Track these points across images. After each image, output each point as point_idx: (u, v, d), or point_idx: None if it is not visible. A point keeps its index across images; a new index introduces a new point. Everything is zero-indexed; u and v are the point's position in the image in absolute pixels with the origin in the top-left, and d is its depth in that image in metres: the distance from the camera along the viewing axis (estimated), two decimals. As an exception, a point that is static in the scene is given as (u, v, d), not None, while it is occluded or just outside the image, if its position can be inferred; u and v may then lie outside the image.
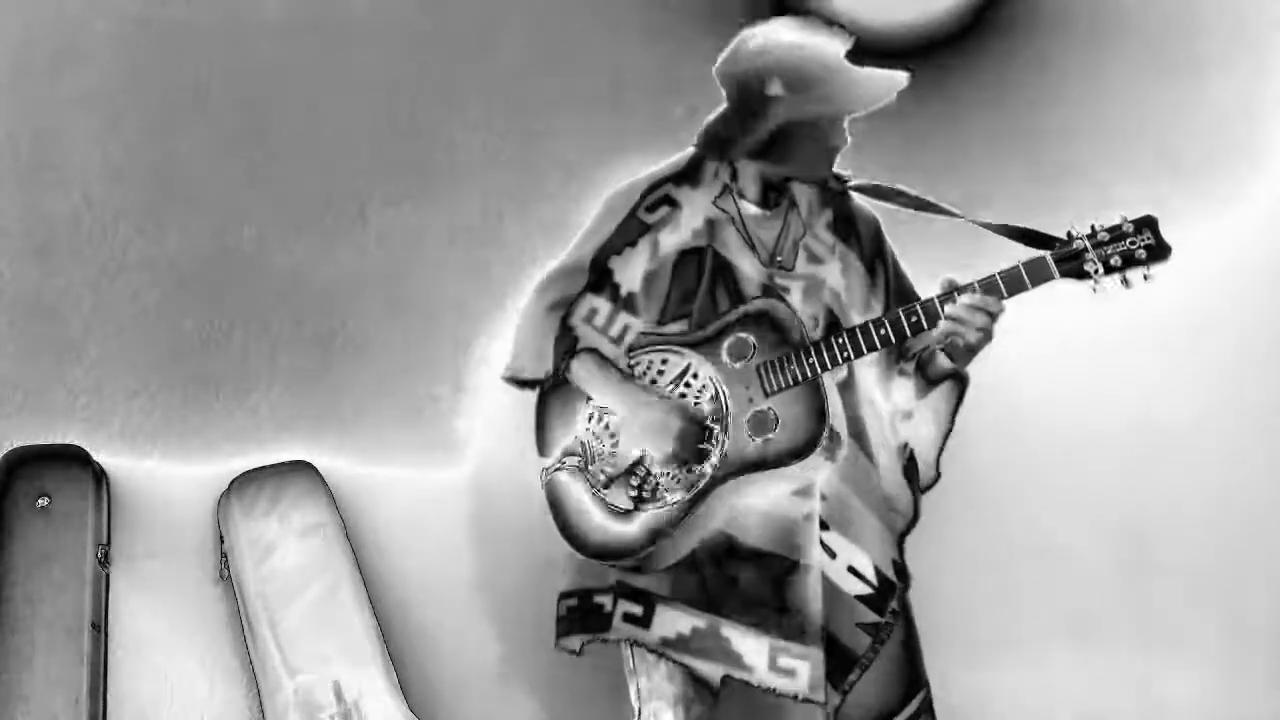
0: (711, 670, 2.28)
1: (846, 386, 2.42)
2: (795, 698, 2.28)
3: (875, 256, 2.52)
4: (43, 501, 2.57)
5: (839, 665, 2.32)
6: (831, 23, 2.37)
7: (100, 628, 2.59)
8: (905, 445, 2.48)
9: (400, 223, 2.88)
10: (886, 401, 2.46)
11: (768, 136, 2.36)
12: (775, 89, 2.32)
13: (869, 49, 2.42)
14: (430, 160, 2.90)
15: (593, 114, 2.94)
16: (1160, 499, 3.01)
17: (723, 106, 2.41)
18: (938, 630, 2.46)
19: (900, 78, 2.33)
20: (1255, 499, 3.03)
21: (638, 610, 2.31)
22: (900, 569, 2.42)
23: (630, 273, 2.41)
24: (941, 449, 2.49)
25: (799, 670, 2.27)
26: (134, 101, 2.80)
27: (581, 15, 2.96)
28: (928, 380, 2.42)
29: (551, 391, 2.40)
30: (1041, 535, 2.98)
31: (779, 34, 2.34)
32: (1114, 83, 3.09)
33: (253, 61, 2.85)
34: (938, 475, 2.50)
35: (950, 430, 2.48)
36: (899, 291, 2.51)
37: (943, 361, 2.37)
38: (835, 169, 2.46)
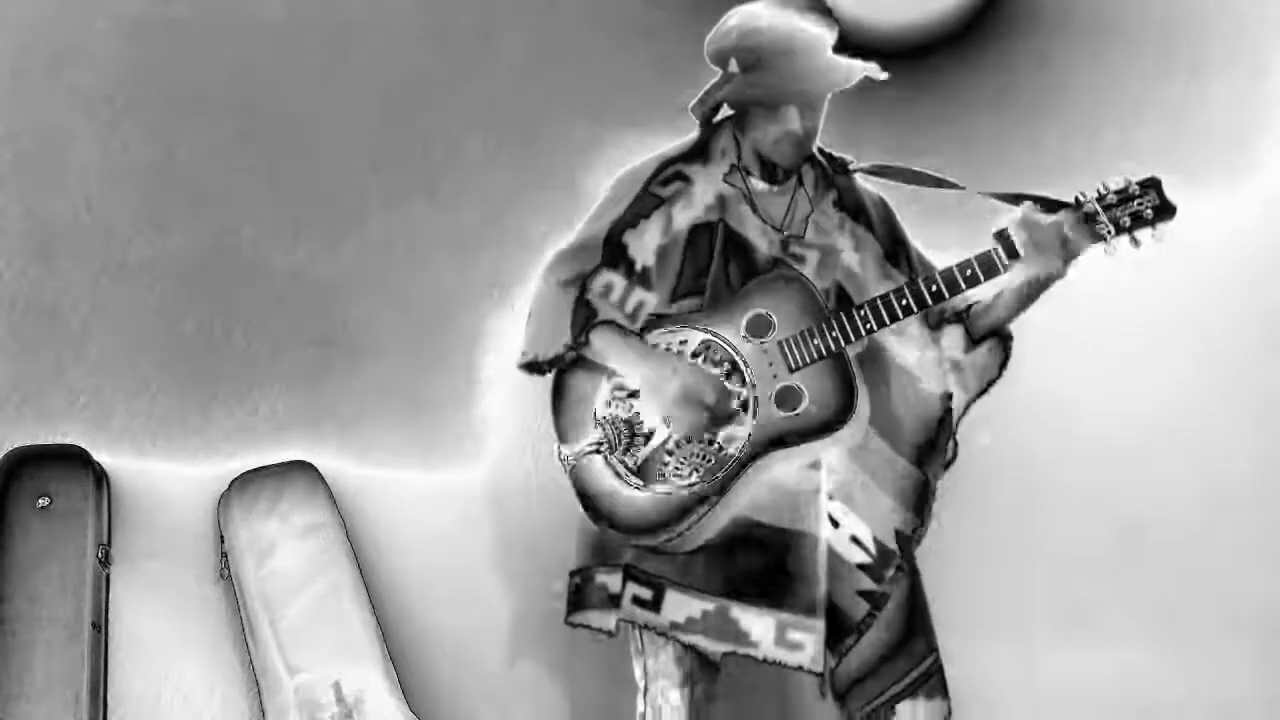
0: (715, 648, 2.31)
1: (872, 360, 2.43)
2: (799, 669, 2.31)
3: (893, 240, 2.53)
4: (43, 501, 2.57)
5: (837, 630, 2.36)
6: (817, 10, 2.39)
7: (100, 628, 2.59)
8: (948, 396, 2.47)
9: (400, 223, 2.88)
10: (941, 358, 2.46)
11: (733, 108, 2.41)
12: (732, 66, 2.37)
13: (869, 49, 2.42)
14: (430, 160, 2.90)
15: (592, 113, 2.94)
16: (1154, 490, 3.01)
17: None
18: (938, 621, 2.46)
19: (862, 68, 2.35)
20: (1248, 490, 3.04)
21: (647, 595, 2.33)
22: (902, 538, 2.42)
23: (644, 246, 2.41)
24: (961, 416, 2.49)
25: (805, 643, 2.31)
26: (134, 101, 2.80)
27: (581, 15, 2.97)
28: (971, 338, 2.42)
29: (568, 373, 2.39)
30: (1034, 525, 2.98)
31: (749, 15, 2.39)
32: (1114, 82, 3.09)
33: (253, 61, 2.85)
34: (955, 453, 2.50)
35: (978, 395, 2.49)
36: (922, 268, 2.52)
37: (986, 316, 2.37)
38: (839, 154, 2.48)
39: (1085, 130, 3.08)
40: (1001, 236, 2.28)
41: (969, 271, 2.28)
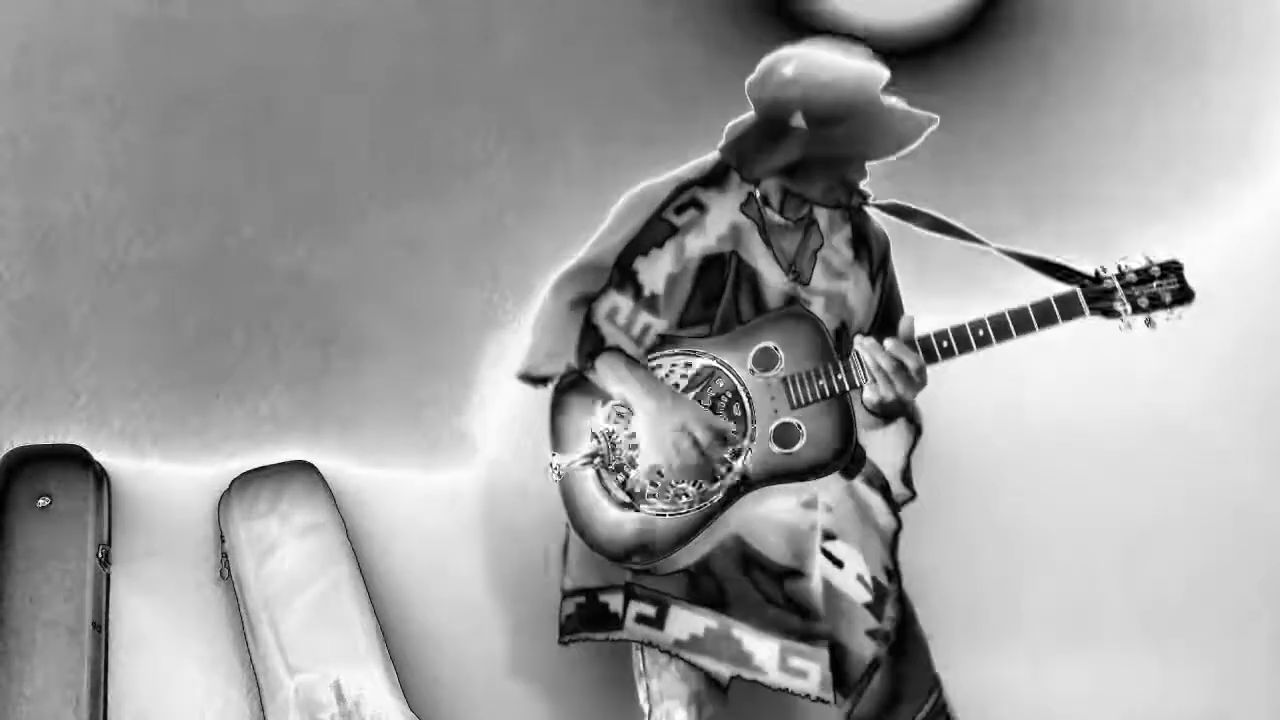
0: (722, 669, 2.30)
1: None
2: (807, 697, 2.31)
3: (879, 272, 2.52)
4: (43, 501, 2.57)
5: (850, 671, 2.36)
6: (870, 57, 2.32)
7: (100, 628, 2.59)
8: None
9: (400, 223, 2.88)
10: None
11: (784, 164, 2.33)
12: (798, 121, 2.29)
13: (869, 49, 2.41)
14: (430, 160, 2.90)
15: (593, 113, 2.94)
16: (1160, 493, 3.01)
17: (750, 116, 2.38)
18: (938, 627, 2.47)
19: (927, 121, 2.30)
20: (1253, 492, 3.04)
21: (651, 612, 2.32)
22: (891, 574, 2.44)
23: (654, 274, 2.39)
24: (905, 470, 2.50)
25: (810, 671, 2.31)
26: (134, 101, 2.80)
27: (581, 14, 2.97)
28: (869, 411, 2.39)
29: (568, 390, 2.39)
30: (1041, 530, 2.98)
31: (812, 64, 2.29)
32: (1113, 83, 3.09)
33: (253, 61, 2.85)
34: (913, 494, 2.51)
35: (906, 460, 2.50)
36: (886, 309, 2.51)
37: (868, 400, 2.34)
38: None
39: (1084, 130, 3.08)
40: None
41: (981, 332, 2.26)
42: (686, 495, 2.30)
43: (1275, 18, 3.13)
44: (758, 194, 2.42)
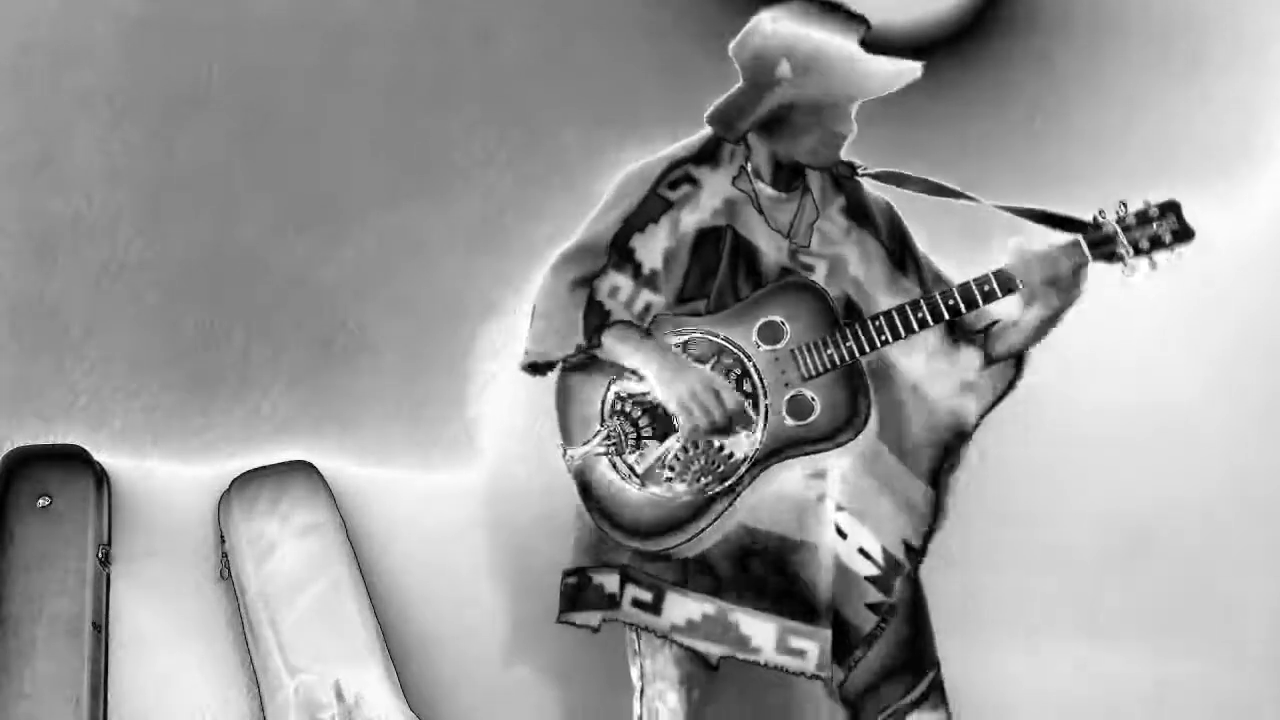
0: (714, 650, 2.31)
1: (879, 375, 2.41)
2: (803, 675, 2.31)
3: (901, 246, 2.51)
4: (43, 501, 2.57)
5: (846, 642, 2.36)
6: (848, 11, 2.36)
7: (100, 627, 2.59)
8: (956, 411, 2.45)
9: (400, 223, 2.88)
10: (951, 372, 2.43)
11: (771, 115, 2.34)
12: (783, 69, 2.31)
13: (869, 48, 2.42)
14: (430, 160, 2.90)
15: (593, 113, 2.94)
16: (1161, 486, 3.01)
17: (736, 85, 2.40)
18: (941, 617, 2.47)
19: (911, 68, 2.32)
20: (1254, 485, 3.04)
21: (647, 597, 2.33)
22: (911, 550, 2.42)
23: (652, 250, 2.39)
24: (974, 428, 2.47)
25: (808, 650, 2.31)
26: (134, 101, 2.80)
27: (582, 14, 2.97)
28: (988, 360, 2.41)
29: (572, 373, 2.38)
30: (1042, 522, 2.98)
31: (794, 17, 2.34)
32: (1114, 83, 3.09)
33: (253, 61, 2.85)
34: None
35: (990, 408, 2.47)
36: (932, 276, 2.51)
37: (1003, 341, 2.36)
38: (846, 158, 2.46)
39: (1085, 130, 3.08)
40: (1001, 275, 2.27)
41: (987, 287, 2.26)
42: (707, 476, 2.29)
43: (1275, 18, 3.13)
44: (749, 168, 2.43)
